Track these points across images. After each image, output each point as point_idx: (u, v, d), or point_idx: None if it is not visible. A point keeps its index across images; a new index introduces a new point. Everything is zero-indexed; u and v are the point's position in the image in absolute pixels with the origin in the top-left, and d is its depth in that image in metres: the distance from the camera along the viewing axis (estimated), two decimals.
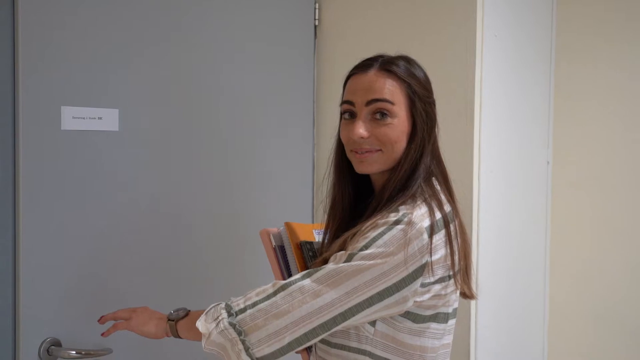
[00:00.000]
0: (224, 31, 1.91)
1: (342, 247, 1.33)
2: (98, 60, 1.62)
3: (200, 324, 1.35)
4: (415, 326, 1.33)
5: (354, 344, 1.35)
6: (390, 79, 1.37)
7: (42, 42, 1.52)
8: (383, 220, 1.31)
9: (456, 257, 1.34)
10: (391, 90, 1.36)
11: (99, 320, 1.52)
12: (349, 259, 1.28)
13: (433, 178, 1.39)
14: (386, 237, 1.28)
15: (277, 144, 2.07)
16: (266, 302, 1.30)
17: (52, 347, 1.55)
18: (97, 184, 1.63)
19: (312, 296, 1.28)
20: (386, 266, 1.26)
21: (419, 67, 1.44)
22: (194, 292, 1.82)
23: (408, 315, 1.32)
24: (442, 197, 1.38)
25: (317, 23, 2.23)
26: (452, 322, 1.41)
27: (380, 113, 1.36)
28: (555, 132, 2.44)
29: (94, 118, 1.61)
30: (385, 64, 1.38)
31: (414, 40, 2.05)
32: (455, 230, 1.36)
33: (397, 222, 1.29)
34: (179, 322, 1.42)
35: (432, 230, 1.29)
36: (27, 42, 1.49)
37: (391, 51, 1.45)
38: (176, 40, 1.78)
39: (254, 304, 1.31)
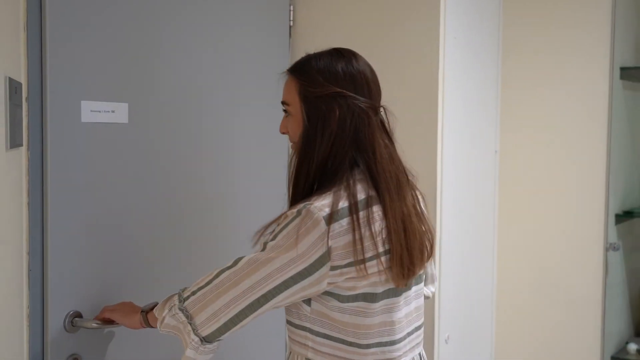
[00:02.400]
0: (204, 32, 2.01)
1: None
2: (111, 59, 1.75)
3: (157, 310, 1.54)
4: (343, 305, 1.42)
5: (296, 322, 1.48)
6: (290, 80, 1.52)
7: (65, 44, 1.64)
8: (290, 211, 1.42)
9: (366, 243, 1.39)
10: (288, 91, 1.52)
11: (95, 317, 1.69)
12: (263, 248, 1.42)
13: (356, 167, 1.46)
14: (289, 227, 1.39)
15: (255, 139, 2.18)
16: (205, 289, 1.45)
17: (75, 318, 1.68)
18: (112, 170, 1.77)
19: (237, 282, 1.41)
20: (291, 254, 1.37)
21: (336, 60, 1.49)
22: (198, 271, 1.97)
23: (332, 295, 1.41)
24: (359, 186, 1.43)
25: (291, 24, 2.34)
26: (385, 302, 1.45)
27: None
28: (502, 123, 2.69)
29: (108, 111, 1.74)
30: (292, 67, 1.53)
31: (383, 42, 2.22)
32: (367, 217, 1.41)
33: (298, 213, 1.39)
34: (148, 313, 1.59)
35: (330, 219, 1.37)
36: (53, 45, 1.61)
37: (358, 51, 1.57)
38: (167, 41, 1.90)
39: (196, 291, 1.47)
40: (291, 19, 2.36)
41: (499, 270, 2.70)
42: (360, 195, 1.42)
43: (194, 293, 1.47)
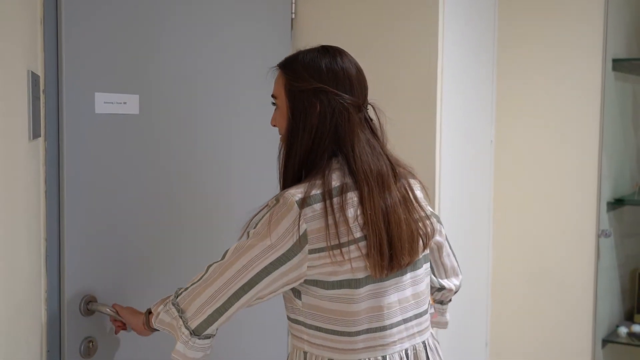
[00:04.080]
0: (209, 26, 2.06)
1: None
2: (122, 52, 1.80)
3: (154, 307, 1.59)
4: (328, 292, 1.44)
5: (292, 316, 1.52)
6: (279, 75, 1.56)
7: (80, 38, 1.69)
8: (271, 200, 1.47)
9: (341, 228, 1.41)
10: (277, 85, 1.55)
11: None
12: (247, 236, 1.46)
13: (334, 158, 1.48)
14: (267, 215, 1.44)
15: (260, 131, 2.17)
16: (196, 283, 1.50)
17: (90, 302, 1.74)
18: (125, 160, 1.82)
19: (222, 272, 1.46)
20: (269, 241, 1.41)
21: (321, 56, 1.51)
22: (210, 258, 2.02)
23: (316, 283, 1.44)
24: (334, 174, 1.46)
25: (293, 17, 2.38)
26: (370, 287, 1.46)
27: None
28: (497, 114, 2.75)
29: (120, 103, 1.80)
30: (282, 62, 1.57)
31: (384, 37, 2.26)
32: (341, 203, 1.43)
33: (276, 200, 1.45)
34: (150, 314, 1.63)
35: (303, 203, 1.41)
36: (68, 38, 1.66)
37: (360, 45, 1.60)
38: (174, 35, 1.96)
39: (189, 287, 1.51)
40: (293, 12, 2.40)
41: (494, 257, 2.76)
42: (335, 183, 1.45)
43: (186, 289, 1.53)
